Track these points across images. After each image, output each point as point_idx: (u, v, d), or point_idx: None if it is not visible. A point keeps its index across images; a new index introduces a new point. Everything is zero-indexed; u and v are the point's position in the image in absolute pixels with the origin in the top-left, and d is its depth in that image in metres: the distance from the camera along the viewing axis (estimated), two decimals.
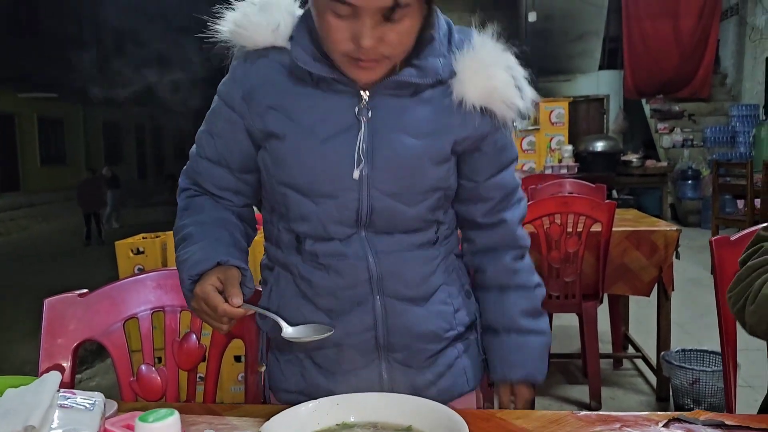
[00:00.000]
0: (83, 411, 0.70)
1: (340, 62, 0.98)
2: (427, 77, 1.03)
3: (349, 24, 0.92)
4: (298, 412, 0.91)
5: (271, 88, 1.05)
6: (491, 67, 1.05)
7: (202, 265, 1.03)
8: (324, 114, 1.04)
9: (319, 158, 1.04)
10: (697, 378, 2.75)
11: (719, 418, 0.99)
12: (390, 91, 1.03)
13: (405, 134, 1.04)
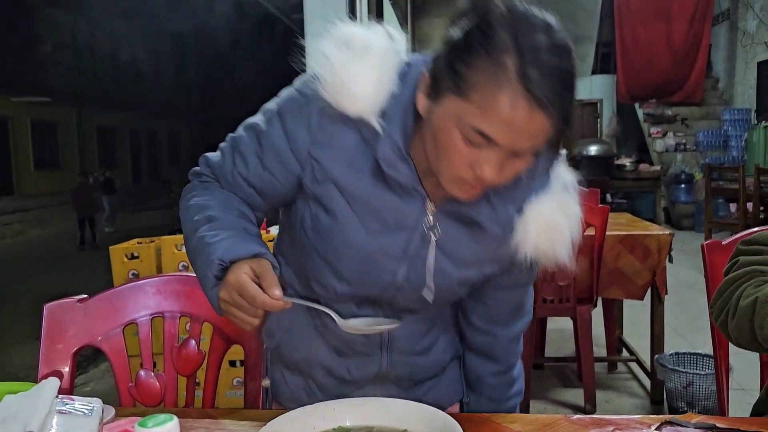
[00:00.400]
0: (82, 417, 0.70)
1: (445, 179, 0.92)
2: (495, 226, 1.01)
3: (476, 152, 0.86)
4: (294, 417, 0.92)
5: (340, 160, 0.98)
6: (559, 229, 1.01)
7: (237, 252, 0.93)
8: (385, 209, 1.00)
9: (363, 253, 1.01)
10: (690, 381, 2.77)
11: (711, 420, 1.01)
12: (455, 213, 1.01)
13: (449, 260, 1.04)
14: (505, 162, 0.87)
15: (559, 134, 0.88)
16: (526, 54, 0.81)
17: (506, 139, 0.84)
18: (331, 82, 0.94)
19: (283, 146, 1.00)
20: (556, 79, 0.82)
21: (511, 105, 0.81)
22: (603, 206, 2.79)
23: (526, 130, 0.83)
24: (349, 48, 0.95)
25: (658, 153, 9.72)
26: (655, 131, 9.92)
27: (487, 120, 0.83)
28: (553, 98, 0.81)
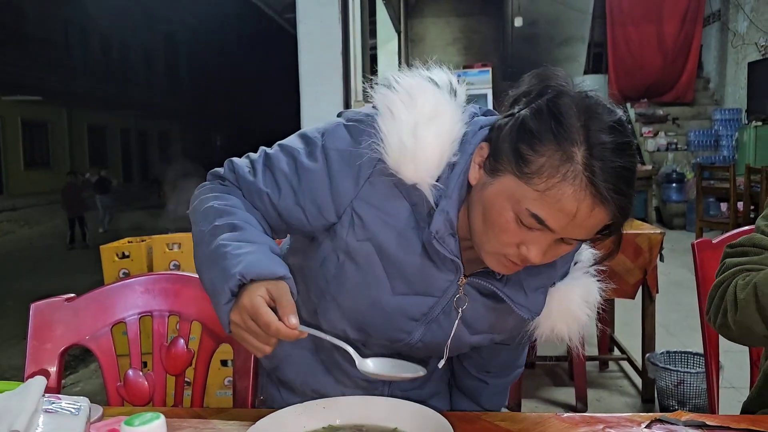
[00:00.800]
0: (68, 416, 0.70)
1: (485, 254, 0.91)
2: (524, 311, 1.01)
3: (525, 233, 0.86)
4: (284, 415, 0.92)
5: (386, 224, 0.95)
6: (577, 316, 1.03)
7: (260, 269, 0.87)
8: (415, 273, 0.98)
9: (384, 311, 1.00)
10: (681, 379, 2.78)
11: (700, 418, 1.01)
12: (486, 288, 1.00)
13: (466, 329, 1.04)
14: (552, 246, 0.87)
15: (616, 227, 0.88)
16: (594, 149, 0.81)
17: (562, 228, 0.83)
18: (395, 146, 0.90)
19: (324, 191, 0.96)
20: (620, 176, 0.82)
21: (575, 198, 0.80)
22: None
23: (584, 223, 0.83)
24: (417, 108, 0.91)
25: (649, 152, 9.76)
26: (647, 131, 9.96)
27: (547, 208, 0.82)
28: (615, 196, 0.81)
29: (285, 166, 0.98)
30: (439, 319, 1.02)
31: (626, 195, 0.83)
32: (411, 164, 0.90)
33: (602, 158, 0.81)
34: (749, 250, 1.17)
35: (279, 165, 0.98)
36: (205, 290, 0.94)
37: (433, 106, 0.92)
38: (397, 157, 0.90)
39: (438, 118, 0.91)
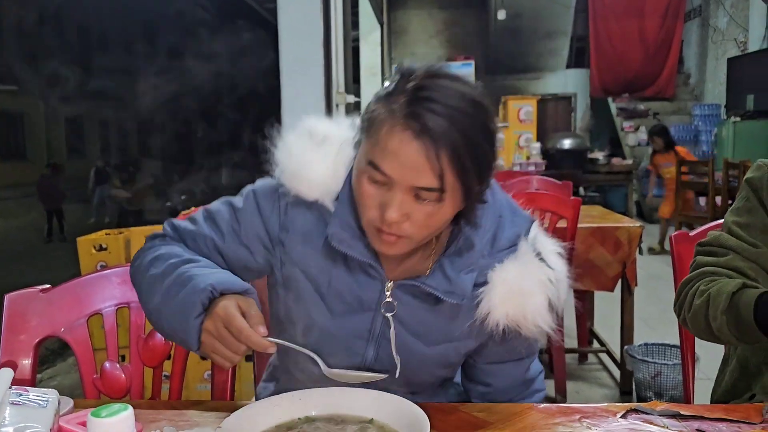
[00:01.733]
0: (36, 408, 0.68)
1: (366, 228, 0.97)
2: (453, 296, 1.01)
3: (381, 192, 0.91)
4: (259, 407, 0.91)
5: (304, 249, 1.03)
6: (529, 294, 1.00)
7: (229, 283, 0.93)
8: (346, 291, 1.03)
9: (327, 331, 1.04)
10: (659, 371, 2.82)
11: (675, 408, 1.02)
12: (413, 290, 1.02)
13: (417, 339, 1.05)
14: (410, 205, 0.90)
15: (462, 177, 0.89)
16: (418, 94, 0.88)
17: (393, 171, 0.88)
18: (288, 169, 1.02)
19: (260, 225, 1.05)
20: (440, 114, 0.86)
21: (390, 131, 0.88)
22: (575, 198, 2.81)
23: (406, 161, 0.87)
24: (310, 138, 1.03)
25: (630, 147, 9.84)
26: (628, 125, 10.05)
27: (380, 153, 0.89)
28: (429, 130, 0.86)
29: (224, 213, 1.08)
30: (386, 334, 1.04)
31: (450, 134, 0.86)
32: (306, 183, 1.01)
33: (422, 101, 0.87)
34: (716, 250, 1.22)
35: (218, 212, 1.08)
36: (167, 322, 0.97)
37: (325, 134, 1.04)
38: (293, 178, 1.01)
39: (329, 143, 1.03)
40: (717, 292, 1.12)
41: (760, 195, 1.22)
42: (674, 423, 0.98)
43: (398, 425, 0.89)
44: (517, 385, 1.15)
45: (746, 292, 1.09)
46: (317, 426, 0.91)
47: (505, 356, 1.11)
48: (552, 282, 1.02)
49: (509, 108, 8.26)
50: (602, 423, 0.98)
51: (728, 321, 1.09)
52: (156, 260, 1.01)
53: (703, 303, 1.14)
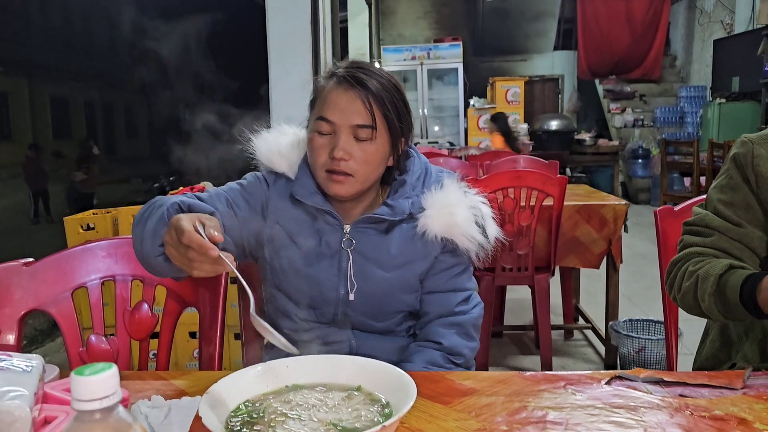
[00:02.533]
0: (20, 373, 0.68)
1: (320, 178, 1.22)
2: (395, 215, 1.24)
3: (329, 140, 1.20)
4: (246, 375, 0.91)
5: (281, 207, 1.27)
6: (454, 205, 1.24)
7: (195, 205, 1.11)
8: (315, 238, 1.26)
9: (306, 275, 1.25)
10: (642, 346, 2.85)
11: (658, 375, 1.03)
12: (366, 225, 1.25)
13: (379, 268, 1.25)
14: (352, 146, 1.19)
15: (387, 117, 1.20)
16: (351, 66, 1.22)
17: (336, 117, 1.18)
18: (264, 149, 1.29)
19: (263, 195, 1.28)
20: (365, 74, 1.20)
21: (331, 89, 1.20)
22: (561, 176, 2.81)
23: (346, 106, 1.18)
24: (280, 133, 1.32)
25: (616, 128, 9.87)
26: (615, 107, 10.06)
27: (322, 107, 1.20)
28: (360, 81, 1.18)
29: (234, 188, 1.29)
30: (350, 267, 1.25)
31: (366, 84, 1.18)
32: (278, 157, 1.28)
33: (348, 68, 1.21)
34: (702, 230, 1.24)
35: (229, 189, 1.28)
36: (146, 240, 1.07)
37: (292, 130, 1.33)
38: (269, 154, 1.29)
39: (294, 135, 1.32)
40: (705, 274, 1.16)
41: (744, 171, 1.23)
42: (657, 389, 0.99)
43: (385, 391, 0.89)
44: (451, 312, 1.31)
45: (733, 274, 1.12)
46: (304, 393, 0.91)
47: (444, 287, 1.30)
48: (474, 207, 1.25)
49: (497, 89, 8.25)
50: (587, 389, 0.99)
51: (716, 302, 1.14)
52: (146, 214, 1.12)
53: (692, 285, 1.18)
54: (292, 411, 0.86)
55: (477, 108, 8.20)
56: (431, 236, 1.24)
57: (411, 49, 9.07)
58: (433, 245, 1.26)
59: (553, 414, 0.90)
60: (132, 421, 0.53)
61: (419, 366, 1.24)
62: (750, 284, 1.08)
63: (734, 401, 0.94)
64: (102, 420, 0.51)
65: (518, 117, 7.94)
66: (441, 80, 9.19)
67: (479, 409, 0.93)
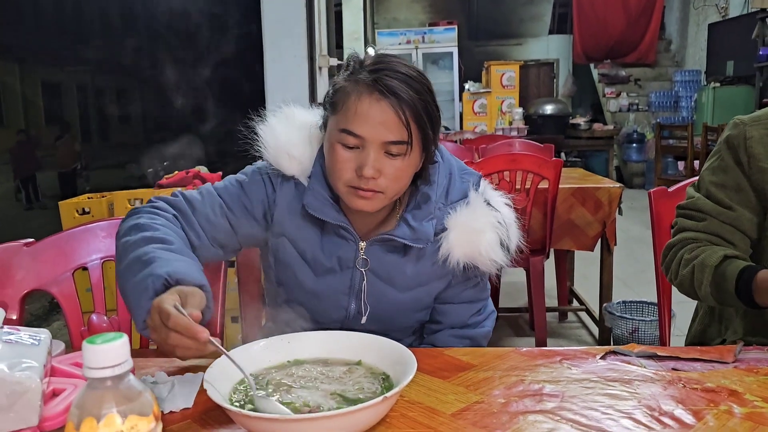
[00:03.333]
0: (29, 346, 0.69)
1: (342, 192, 1.09)
2: (419, 242, 1.14)
3: (355, 155, 1.06)
4: (249, 350, 0.93)
5: (288, 215, 1.16)
6: (480, 231, 1.13)
7: (185, 275, 0.93)
8: (326, 254, 1.16)
9: (314, 292, 1.17)
10: (636, 327, 2.88)
11: (652, 350, 1.05)
12: (384, 245, 1.15)
13: (393, 288, 1.18)
14: (382, 162, 1.05)
15: (422, 131, 1.07)
16: (376, 67, 1.05)
17: (366, 131, 1.04)
18: (272, 146, 1.14)
19: (262, 195, 1.17)
20: (397, 79, 1.04)
21: (359, 98, 1.04)
22: (557, 159, 2.83)
23: (378, 120, 1.03)
24: (289, 121, 1.17)
25: (611, 113, 9.88)
26: (609, 91, 10.06)
27: (349, 118, 1.05)
28: (392, 90, 1.03)
29: (232, 186, 1.18)
30: (364, 287, 1.17)
31: (406, 94, 1.03)
32: (287, 159, 1.14)
33: (378, 72, 1.04)
34: (695, 214, 1.27)
35: (226, 187, 1.18)
36: (124, 294, 0.98)
37: (303, 120, 1.18)
38: (276, 155, 1.14)
39: (306, 128, 1.17)
40: (701, 264, 1.19)
41: (736, 153, 1.24)
42: (651, 363, 1.01)
43: (385, 365, 0.91)
44: (464, 324, 1.28)
45: (729, 266, 1.16)
46: (306, 367, 0.93)
47: (459, 298, 1.25)
48: (501, 223, 1.16)
49: (492, 73, 8.24)
50: (582, 364, 1.01)
51: (712, 292, 1.18)
52: (134, 228, 1.05)
53: (689, 273, 1.22)
54: (296, 383, 0.88)
55: (472, 92, 8.18)
56: (453, 262, 1.15)
57: (406, 33, 9.03)
58: (453, 269, 1.17)
59: (549, 387, 0.93)
60: (142, 388, 0.55)
61: None
62: (746, 277, 1.12)
63: (725, 374, 0.97)
64: (113, 387, 0.53)
65: (513, 101, 7.94)
66: (436, 64, 9.16)
67: (477, 383, 0.94)
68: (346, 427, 0.75)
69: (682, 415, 0.83)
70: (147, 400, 0.54)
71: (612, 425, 0.81)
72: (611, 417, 0.83)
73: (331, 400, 0.83)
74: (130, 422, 0.52)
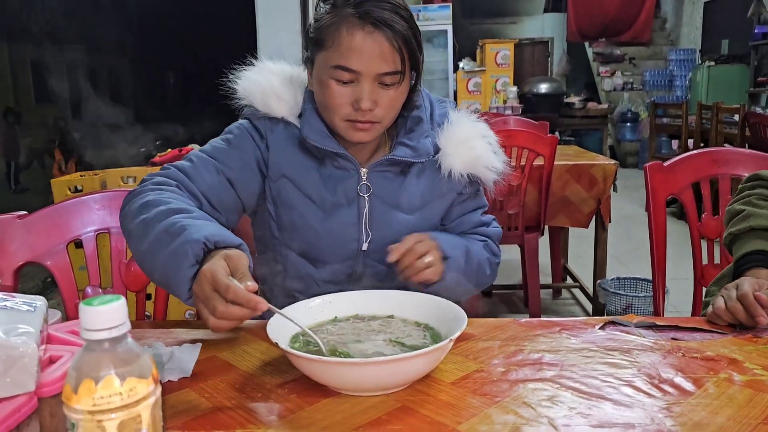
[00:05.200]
0: (24, 312, 0.68)
1: (339, 126, 1.10)
2: (420, 157, 1.16)
3: (350, 89, 1.07)
4: (294, 310, 0.95)
5: (285, 157, 1.15)
6: (470, 139, 1.18)
7: (221, 237, 0.90)
8: (329, 188, 1.15)
9: (323, 229, 1.16)
10: (630, 303, 2.90)
11: (650, 320, 1.05)
12: (385, 168, 1.16)
13: (399, 211, 1.18)
14: (377, 93, 1.07)
15: (412, 59, 1.08)
16: (361, 3, 1.04)
17: (361, 65, 1.04)
18: (257, 93, 1.15)
19: (254, 148, 1.16)
20: (387, 10, 1.04)
21: (350, 33, 1.04)
22: (552, 136, 2.82)
23: (372, 53, 1.04)
24: (266, 71, 1.18)
25: (606, 92, 9.85)
26: (604, 70, 10.03)
27: (341, 52, 1.04)
28: (384, 21, 1.03)
29: (221, 146, 1.16)
30: (366, 214, 1.17)
31: (395, 21, 1.04)
32: (275, 100, 1.14)
33: (361, 4, 1.04)
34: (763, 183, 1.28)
35: (215, 148, 1.15)
36: (158, 270, 0.92)
37: (279, 67, 1.19)
38: (265, 99, 1.14)
39: (285, 72, 1.19)
40: (747, 214, 1.22)
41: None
42: (650, 333, 1.01)
43: (418, 316, 0.97)
44: (478, 224, 1.29)
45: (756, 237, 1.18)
46: (341, 326, 0.97)
47: (467, 208, 1.27)
48: (485, 134, 1.21)
49: (486, 52, 8.17)
50: (581, 334, 1.01)
51: (726, 239, 1.24)
52: (146, 206, 0.99)
53: (735, 210, 1.26)
54: (343, 339, 0.92)
55: (466, 71, 8.13)
56: (456, 175, 1.18)
57: None
58: (458, 182, 1.20)
59: (548, 356, 0.92)
60: (141, 351, 0.54)
61: (460, 239, 1.21)
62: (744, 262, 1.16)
63: (725, 343, 0.97)
64: (111, 350, 0.52)
65: (508, 80, 7.90)
66: (430, 42, 9.08)
67: (477, 353, 0.94)
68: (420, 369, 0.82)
69: (682, 382, 0.83)
70: (146, 362, 0.53)
71: (612, 392, 0.81)
72: (611, 385, 0.83)
73: (395, 347, 0.89)
74: (128, 384, 0.51)
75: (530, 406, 0.78)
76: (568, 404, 0.78)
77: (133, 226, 0.99)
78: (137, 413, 0.52)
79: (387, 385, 0.81)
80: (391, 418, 0.76)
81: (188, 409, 0.79)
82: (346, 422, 0.75)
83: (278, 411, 0.78)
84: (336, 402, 0.80)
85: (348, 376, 0.79)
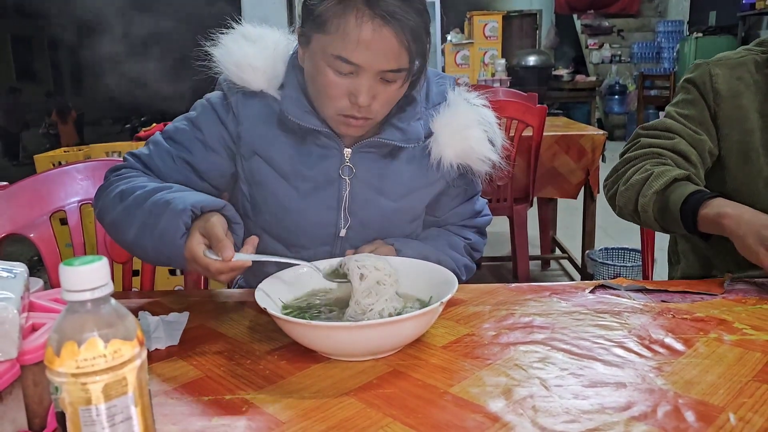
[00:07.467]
0: (4, 279, 0.66)
1: (330, 118, 1.02)
2: (409, 141, 1.08)
3: (348, 81, 0.97)
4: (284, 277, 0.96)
5: (259, 133, 1.07)
6: (466, 128, 1.10)
7: (207, 203, 0.93)
8: (307, 167, 1.07)
9: (298, 211, 1.09)
10: (618, 273, 2.91)
11: (640, 284, 1.05)
12: (371, 149, 1.08)
13: (382, 196, 1.11)
14: (377, 88, 0.97)
15: (420, 51, 0.98)
16: None
17: (364, 60, 0.94)
18: (231, 63, 1.06)
19: (219, 126, 1.08)
20: (398, 2, 0.92)
21: (358, 24, 0.92)
22: (541, 106, 2.80)
23: (378, 48, 0.93)
24: (245, 38, 1.08)
25: (594, 65, 9.81)
26: (592, 43, 9.97)
27: (343, 44, 0.93)
28: (394, 15, 0.92)
29: (183, 127, 1.10)
30: (347, 198, 1.10)
31: (406, 15, 0.93)
32: (250, 72, 1.05)
33: None
34: (662, 133, 1.26)
35: (177, 129, 1.09)
36: (151, 249, 0.95)
37: (258, 33, 1.09)
38: (239, 71, 1.05)
39: (264, 39, 1.08)
40: (660, 173, 1.15)
41: (702, 90, 1.25)
42: (640, 296, 1.01)
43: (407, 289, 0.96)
44: (470, 215, 1.25)
45: (687, 185, 1.12)
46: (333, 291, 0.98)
47: (460, 199, 1.22)
48: (483, 120, 1.12)
49: (474, 24, 8.10)
50: (572, 297, 1.01)
51: (656, 200, 1.14)
52: (122, 195, 0.99)
53: (643, 179, 1.17)
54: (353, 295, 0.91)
55: (454, 44, 8.06)
56: (446, 164, 1.11)
57: None
58: (448, 172, 1.12)
59: (539, 320, 0.92)
60: (125, 313, 0.52)
61: (441, 245, 1.17)
62: (698, 197, 1.08)
63: (714, 305, 0.97)
64: (94, 311, 0.51)
65: (496, 53, 7.84)
66: None
67: (467, 318, 0.94)
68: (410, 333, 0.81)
69: (672, 342, 0.83)
70: (131, 324, 0.52)
71: (603, 353, 0.81)
72: (602, 346, 0.83)
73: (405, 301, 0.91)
74: (113, 346, 0.50)
75: (522, 367, 0.78)
76: (560, 365, 0.78)
77: (114, 216, 1.00)
78: (122, 376, 0.51)
79: (377, 350, 0.80)
80: (382, 382, 0.75)
81: (176, 376, 0.79)
82: (337, 386, 0.74)
83: (268, 377, 0.78)
84: (326, 367, 0.79)
85: (337, 340, 0.78)
